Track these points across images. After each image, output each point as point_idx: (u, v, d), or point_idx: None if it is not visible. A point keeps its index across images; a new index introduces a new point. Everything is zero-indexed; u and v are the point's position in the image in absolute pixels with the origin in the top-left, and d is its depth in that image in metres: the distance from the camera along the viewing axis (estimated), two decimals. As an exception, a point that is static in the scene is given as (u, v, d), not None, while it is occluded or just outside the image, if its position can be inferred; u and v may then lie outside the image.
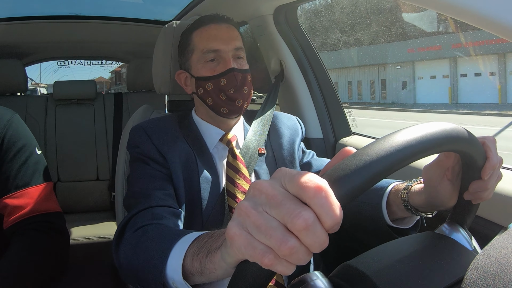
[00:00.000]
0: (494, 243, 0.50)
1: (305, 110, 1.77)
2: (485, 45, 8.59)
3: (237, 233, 0.44)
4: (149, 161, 1.07)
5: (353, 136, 1.75)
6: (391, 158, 0.46)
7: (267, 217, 0.42)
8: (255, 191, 0.44)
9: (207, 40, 1.14)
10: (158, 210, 0.94)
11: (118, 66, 10.09)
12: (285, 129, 1.28)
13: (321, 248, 0.41)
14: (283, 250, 0.40)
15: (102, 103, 2.83)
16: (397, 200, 0.89)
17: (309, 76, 1.77)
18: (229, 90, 1.11)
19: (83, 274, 1.34)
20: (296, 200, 0.41)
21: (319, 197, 0.40)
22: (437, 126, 0.52)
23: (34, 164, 1.21)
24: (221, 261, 0.55)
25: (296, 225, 0.40)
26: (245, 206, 0.44)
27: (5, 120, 1.18)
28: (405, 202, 0.86)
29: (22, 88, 2.64)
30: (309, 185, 0.41)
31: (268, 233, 0.41)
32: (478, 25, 0.67)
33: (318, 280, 0.51)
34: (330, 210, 0.40)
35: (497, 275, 0.43)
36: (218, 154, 1.17)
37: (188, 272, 0.66)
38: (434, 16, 6.78)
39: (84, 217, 2.58)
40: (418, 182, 0.87)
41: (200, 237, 0.67)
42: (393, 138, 0.48)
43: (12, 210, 1.15)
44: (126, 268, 0.83)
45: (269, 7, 1.67)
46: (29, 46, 2.95)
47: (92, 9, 2.53)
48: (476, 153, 0.62)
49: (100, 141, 2.75)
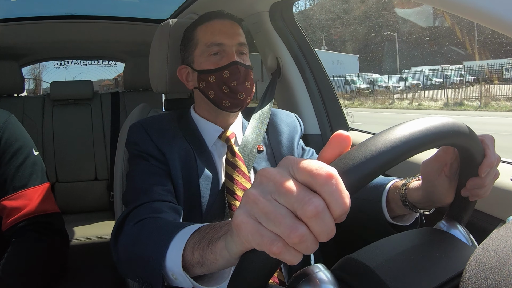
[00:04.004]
0: (493, 237, 0.50)
1: (302, 106, 1.77)
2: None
3: (245, 221, 0.43)
4: (149, 157, 1.07)
5: (351, 132, 1.74)
6: (396, 149, 0.46)
7: (275, 204, 0.41)
8: (263, 178, 0.44)
9: (211, 34, 1.14)
10: (158, 204, 0.94)
11: (116, 74, 10.08)
12: (284, 126, 1.28)
13: (328, 237, 0.40)
14: (293, 238, 0.40)
15: (99, 103, 2.82)
16: (396, 196, 0.89)
17: (305, 73, 1.76)
18: (232, 83, 1.11)
19: (83, 274, 1.34)
20: (305, 188, 0.41)
21: (329, 184, 0.40)
22: (440, 120, 0.52)
23: (31, 165, 1.21)
24: (223, 251, 0.55)
25: (307, 212, 0.39)
26: (252, 193, 0.43)
27: (2, 122, 1.18)
28: (403, 198, 0.86)
29: (19, 89, 2.64)
30: (320, 172, 0.40)
31: (277, 220, 0.41)
32: (479, 22, 0.67)
33: (320, 272, 0.51)
34: (340, 198, 0.39)
35: (496, 268, 0.43)
36: (217, 151, 1.16)
37: (188, 263, 0.65)
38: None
39: (82, 217, 2.58)
40: (416, 179, 0.87)
41: (201, 228, 0.67)
42: (398, 130, 0.48)
43: (10, 211, 1.15)
44: (124, 261, 0.83)
45: (265, 4, 1.67)
46: (25, 47, 2.94)
47: (88, 9, 2.51)
48: (475, 149, 0.63)
49: (98, 140, 2.74)
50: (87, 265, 1.44)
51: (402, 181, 0.91)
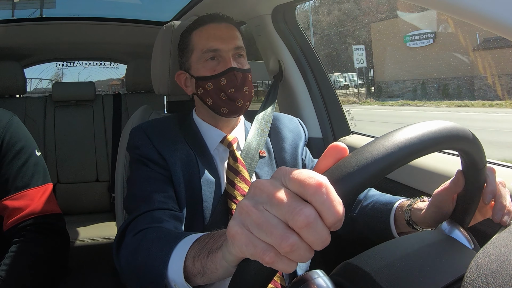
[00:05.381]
0: (494, 241, 0.50)
1: (304, 110, 1.77)
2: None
3: (238, 232, 0.44)
4: (149, 163, 1.06)
5: (352, 135, 1.74)
6: (391, 156, 0.46)
7: (267, 215, 0.42)
8: (256, 189, 0.44)
9: (206, 39, 1.12)
10: (158, 213, 0.94)
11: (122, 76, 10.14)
12: (287, 132, 1.27)
13: (323, 246, 0.41)
14: (284, 247, 0.40)
15: (101, 104, 2.83)
16: (401, 215, 0.94)
17: (307, 76, 1.77)
18: (229, 90, 1.10)
19: (84, 275, 1.34)
20: (297, 198, 0.41)
21: (320, 193, 0.40)
22: (438, 125, 0.52)
23: (33, 166, 1.21)
24: (222, 261, 0.55)
25: (298, 222, 0.39)
26: (246, 204, 0.44)
27: (4, 122, 1.18)
28: (408, 218, 0.91)
29: (21, 90, 2.64)
30: (310, 182, 0.40)
31: (269, 230, 0.41)
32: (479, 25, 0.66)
33: (319, 278, 0.51)
34: (332, 206, 0.40)
35: (498, 272, 0.43)
36: (219, 156, 1.16)
37: (190, 273, 0.66)
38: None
39: (83, 218, 2.58)
40: (421, 200, 0.91)
41: (201, 238, 0.67)
42: (394, 136, 0.48)
43: (11, 212, 1.15)
44: (127, 271, 0.83)
45: (267, 6, 1.67)
46: (27, 48, 2.94)
47: (91, 10, 2.52)
48: (476, 153, 0.62)
49: (99, 142, 2.74)
50: (88, 266, 1.44)
51: (408, 201, 0.95)
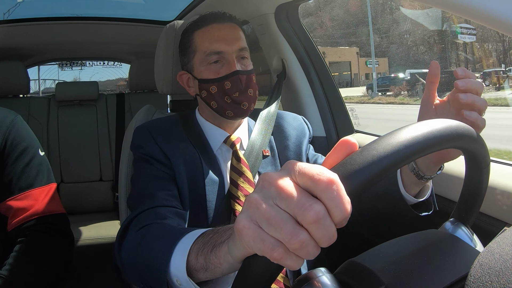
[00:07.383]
0: (498, 240, 0.49)
1: (307, 109, 1.77)
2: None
3: (246, 226, 0.43)
4: (153, 161, 1.06)
5: (356, 134, 1.74)
6: (397, 154, 0.46)
7: (277, 209, 0.42)
8: (265, 183, 0.44)
9: (209, 41, 1.10)
10: (162, 210, 0.94)
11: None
12: (291, 130, 1.26)
13: (329, 242, 0.40)
14: (293, 244, 0.40)
15: (104, 104, 2.84)
16: (406, 169, 0.89)
17: (311, 74, 1.76)
18: (234, 94, 1.09)
19: (88, 274, 1.34)
20: (306, 193, 0.41)
21: (330, 190, 0.39)
22: (443, 123, 0.52)
23: (37, 166, 1.21)
24: (227, 255, 0.55)
25: (307, 218, 0.39)
26: (254, 198, 0.43)
27: (8, 122, 1.19)
28: (413, 167, 0.87)
29: (24, 90, 2.65)
30: (321, 178, 0.40)
31: (279, 226, 0.41)
32: (481, 22, 0.66)
33: (323, 276, 0.51)
34: (341, 204, 0.39)
35: (501, 271, 0.43)
36: (222, 156, 1.15)
37: (193, 268, 0.65)
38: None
39: (87, 217, 2.58)
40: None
41: (205, 233, 0.67)
42: (400, 134, 0.48)
43: (16, 212, 1.15)
44: (129, 267, 0.83)
45: (271, 5, 1.67)
46: (30, 48, 2.95)
47: (94, 10, 2.52)
48: (480, 152, 0.62)
49: (103, 141, 2.75)
50: (92, 265, 1.44)
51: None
